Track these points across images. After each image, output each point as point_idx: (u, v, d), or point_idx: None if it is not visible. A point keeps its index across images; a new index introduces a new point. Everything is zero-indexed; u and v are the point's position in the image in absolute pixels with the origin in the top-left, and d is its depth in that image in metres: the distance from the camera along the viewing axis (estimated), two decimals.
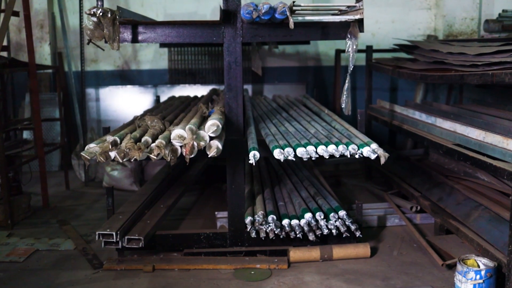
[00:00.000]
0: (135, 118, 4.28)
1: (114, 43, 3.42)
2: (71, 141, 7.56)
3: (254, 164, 3.25)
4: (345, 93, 4.02)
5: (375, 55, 6.50)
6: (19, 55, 7.24)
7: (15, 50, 7.29)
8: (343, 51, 7.37)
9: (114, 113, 7.66)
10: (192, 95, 6.73)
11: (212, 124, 3.32)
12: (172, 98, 6.33)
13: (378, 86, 7.32)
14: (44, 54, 7.40)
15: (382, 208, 4.97)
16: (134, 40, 3.79)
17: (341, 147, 3.36)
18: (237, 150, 3.96)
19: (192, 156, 3.25)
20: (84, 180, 6.53)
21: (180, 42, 3.82)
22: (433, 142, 4.35)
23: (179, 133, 3.22)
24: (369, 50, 6.28)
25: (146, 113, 4.69)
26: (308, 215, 3.95)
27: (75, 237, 4.60)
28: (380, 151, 3.31)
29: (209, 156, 3.30)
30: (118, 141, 3.29)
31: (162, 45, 6.90)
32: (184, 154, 3.19)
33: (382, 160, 3.26)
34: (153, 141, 3.26)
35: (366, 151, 3.32)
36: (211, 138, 3.38)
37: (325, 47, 7.86)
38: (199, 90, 7.40)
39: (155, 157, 3.12)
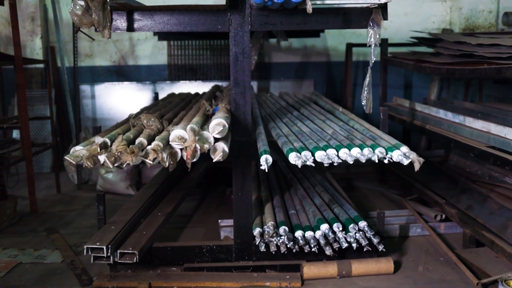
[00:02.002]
0: (131, 116, 3.83)
1: (105, 30, 2.97)
2: (64, 140, 7.13)
3: (266, 170, 2.79)
4: (366, 89, 3.56)
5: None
6: (9, 49, 6.77)
7: (5, 44, 6.83)
8: (355, 45, 6.97)
9: (111, 111, 7.22)
10: (193, 92, 6.28)
11: (218, 124, 2.87)
12: (172, 95, 5.88)
13: (389, 82, 6.88)
14: (35, 48, 6.95)
15: (402, 216, 4.53)
16: (129, 28, 3.34)
17: (366, 151, 2.91)
18: (244, 153, 3.51)
19: (194, 160, 2.80)
20: (76, 183, 6.07)
21: (181, 30, 3.37)
22: (462, 143, 3.90)
23: (179, 134, 2.77)
24: (384, 43, 5.84)
25: (143, 111, 4.26)
26: (324, 227, 3.51)
27: (63, 248, 4.15)
28: (414, 156, 2.85)
29: (213, 160, 2.85)
30: (109, 143, 2.84)
31: (161, 38, 6.45)
32: (185, 158, 2.74)
33: (417, 166, 2.80)
34: (149, 143, 2.81)
35: (397, 155, 2.87)
36: (216, 140, 2.92)
37: (334, 41, 7.42)
38: (201, 87, 6.96)
39: (150, 162, 2.67)
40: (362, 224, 3.55)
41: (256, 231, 3.55)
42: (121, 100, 7.17)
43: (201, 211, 5.07)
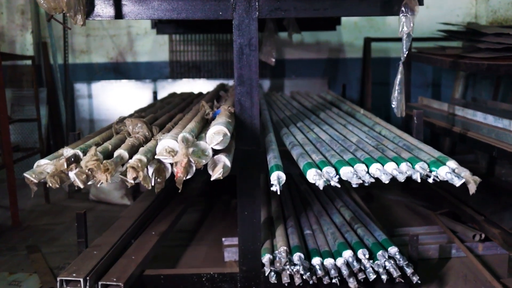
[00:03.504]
0: (121, 119, 3.25)
1: (78, 16, 2.40)
2: (58, 144, 6.59)
3: (278, 191, 2.20)
4: (397, 88, 2.97)
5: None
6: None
7: None
8: (374, 39, 6.38)
9: (107, 112, 6.67)
10: (196, 91, 5.71)
11: (217, 132, 2.29)
12: (173, 95, 5.32)
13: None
14: (26, 44, 6.40)
15: (433, 234, 3.95)
16: (112, 15, 2.77)
17: (404, 166, 2.32)
18: (251, 165, 2.93)
19: (188, 177, 2.23)
20: (67, 191, 5.53)
21: (174, 18, 2.81)
22: (508, 153, 3.30)
23: (168, 146, 2.20)
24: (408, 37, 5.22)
25: (137, 113, 3.71)
26: (347, 253, 2.92)
27: (43, 271, 3.59)
28: (467, 174, 2.25)
29: (212, 179, 2.27)
30: (81, 156, 2.28)
31: (160, 31, 5.87)
32: (175, 175, 2.16)
33: (472, 189, 2.20)
34: (131, 157, 2.24)
35: (444, 173, 2.26)
36: (215, 152, 2.35)
37: (350, 36, 6.83)
38: (205, 86, 6.40)
39: (131, 182, 2.09)
40: (393, 250, 2.96)
41: (266, 258, 2.97)
42: (119, 99, 6.63)
43: (204, 226, 4.50)
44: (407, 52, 2.95)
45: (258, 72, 2.84)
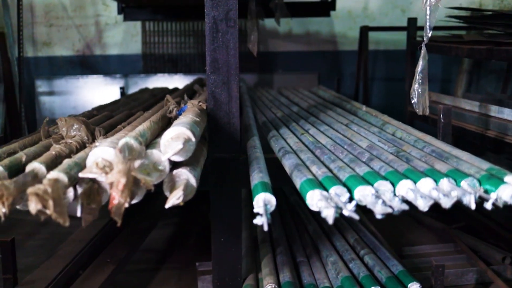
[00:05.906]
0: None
1: None
2: None
3: (266, 227, 1.48)
4: (418, 77, 2.30)
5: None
6: None
7: None
8: (371, 28, 5.70)
9: (73, 111, 5.92)
10: (172, 87, 5.02)
11: (176, 137, 1.58)
12: (144, 91, 4.63)
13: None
14: None
15: (448, 254, 3.32)
16: None
17: (446, 184, 1.60)
18: (229, 179, 2.24)
19: (134, 202, 1.53)
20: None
21: None
22: None
23: (103, 157, 1.49)
24: (412, 25, 4.56)
25: (89, 112, 3.02)
26: None
27: None
28: None
29: (167, 206, 1.55)
30: None
31: (128, 17, 5.13)
32: (109, 203, 1.45)
33: None
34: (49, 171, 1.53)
35: (510, 196, 1.54)
36: (175, 165, 1.65)
37: (343, 27, 6.18)
38: (182, 81, 5.70)
39: (47, 212, 1.38)
40: (414, 286, 2.28)
41: None
42: (86, 96, 5.90)
43: (175, 243, 3.81)
44: (431, 31, 2.28)
45: (238, 55, 2.16)
